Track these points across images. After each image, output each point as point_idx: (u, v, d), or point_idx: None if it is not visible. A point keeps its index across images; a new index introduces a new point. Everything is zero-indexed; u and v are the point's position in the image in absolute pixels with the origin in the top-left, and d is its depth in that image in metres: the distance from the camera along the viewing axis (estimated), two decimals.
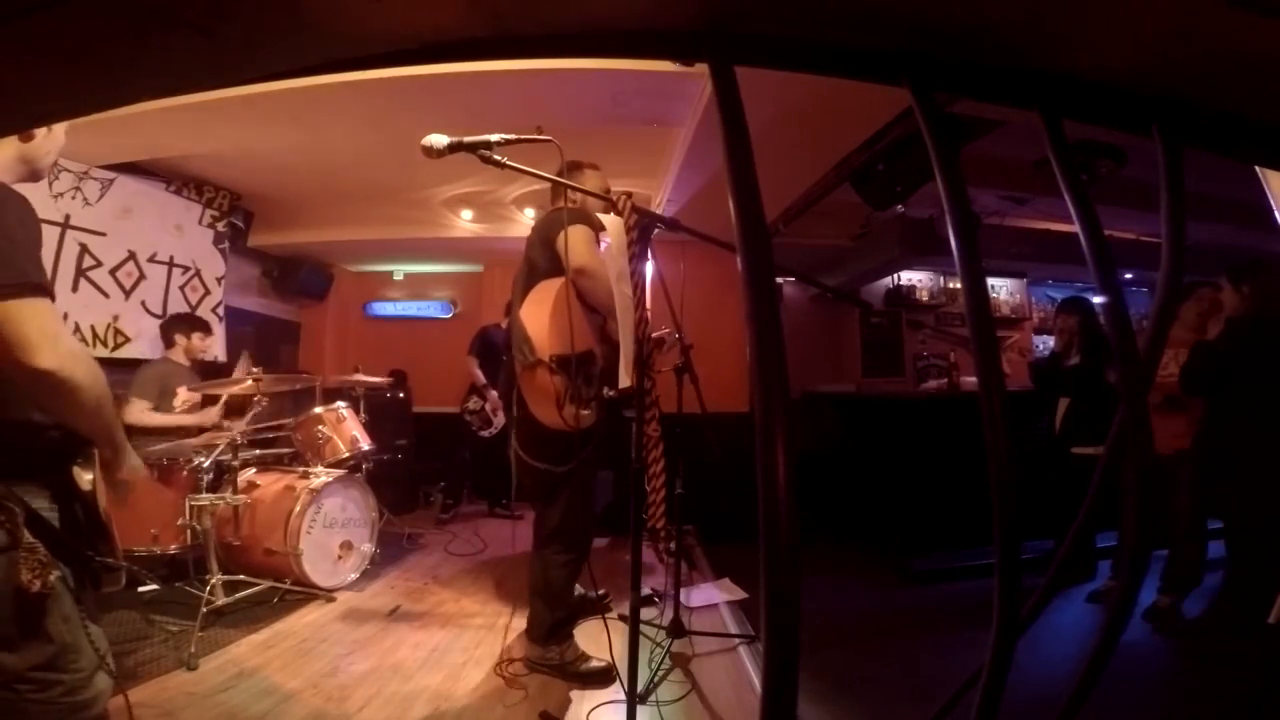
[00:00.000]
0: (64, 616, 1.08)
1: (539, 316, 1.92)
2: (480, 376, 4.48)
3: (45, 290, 1.04)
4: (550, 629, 2.17)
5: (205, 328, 3.55)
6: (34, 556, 1.01)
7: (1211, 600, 2.66)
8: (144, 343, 3.82)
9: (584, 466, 2.05)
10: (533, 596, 2.23)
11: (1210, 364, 2.50)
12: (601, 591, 2.75)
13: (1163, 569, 2.68)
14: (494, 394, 4.42)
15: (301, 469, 3.22)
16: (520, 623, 2.36)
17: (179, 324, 3.49)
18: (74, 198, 3.40)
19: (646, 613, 2.70)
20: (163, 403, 3.20)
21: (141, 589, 2.54)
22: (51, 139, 1.20)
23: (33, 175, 1.18)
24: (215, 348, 4.18)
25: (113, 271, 3.67)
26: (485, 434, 4.48)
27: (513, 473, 2.18)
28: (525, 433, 2.05)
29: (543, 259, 2.09)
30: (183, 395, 3.22)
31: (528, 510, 4.55)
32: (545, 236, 2.11)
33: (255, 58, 0.57)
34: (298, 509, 2.86)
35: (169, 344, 3.43)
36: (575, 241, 1.96)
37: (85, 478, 1.15)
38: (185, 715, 1.90)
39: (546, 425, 1.93)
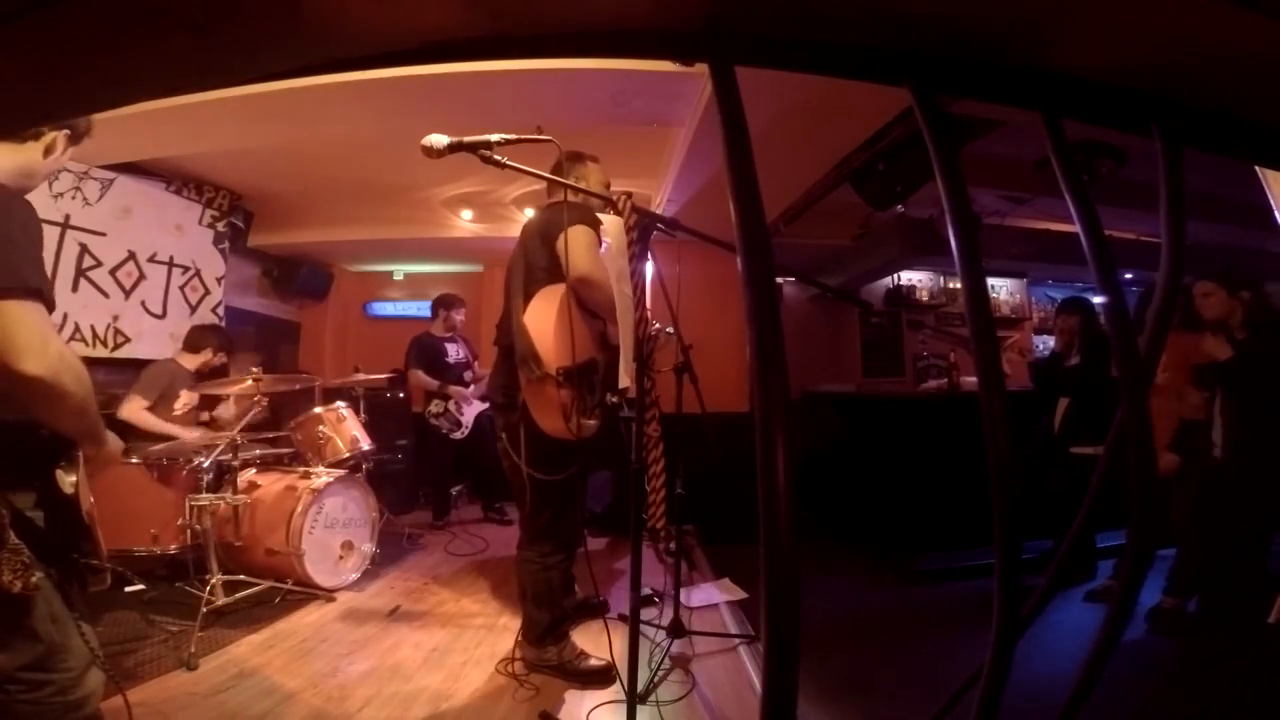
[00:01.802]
0: (52, 617, 1.09)
1: (544, 327, 1.87)
2: (432, 382, 4.38)
3: (41, 295, 1.04)
4: (545, 630, 2.16)
5: (230, 351, 3.57)
6: (17, 558, 1.02)
7: (1211, 601, 2.66)
8: (144, 343, 3.82)
9: (575, 475, 2.04)
10: (524, 600, 2.21)
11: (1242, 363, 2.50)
12: (601, 599, 2.75)
13: (1168, 570, 2.68)
14: (456, 389, 4.38)
15: (302, 469, 3.22)
16: (518, 621, 2.36)
17: (214, 337, 3.50)
18: (74, 198, 3.41)
19: (646, 613, 2.70)
20: (162, 404, 3.20)
21: (129, 589, 2.53)
22: (59, 161, 1.21)
23: (23, 189, 1.18)
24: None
25: (113, 271, 3.67)
26: (457, 435, 4.40)
27: (506, 475, 2.17)
28: (525, 441, 2.01)
29: (543, 258, 2.03)
30: (185, 398, 3.23)
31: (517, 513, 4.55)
32: (546, 235, 2.04)
33: (255, 58, 0.57)
34: (299, 509, 2.86)
35: (194, 349, 3.41)
36: (576, 246, 1.90)
37: (68, 480, 1.15)
38: (185, 715, 1.90)
39: (551, 435, 1.91)
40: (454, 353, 4.53)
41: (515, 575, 2.29)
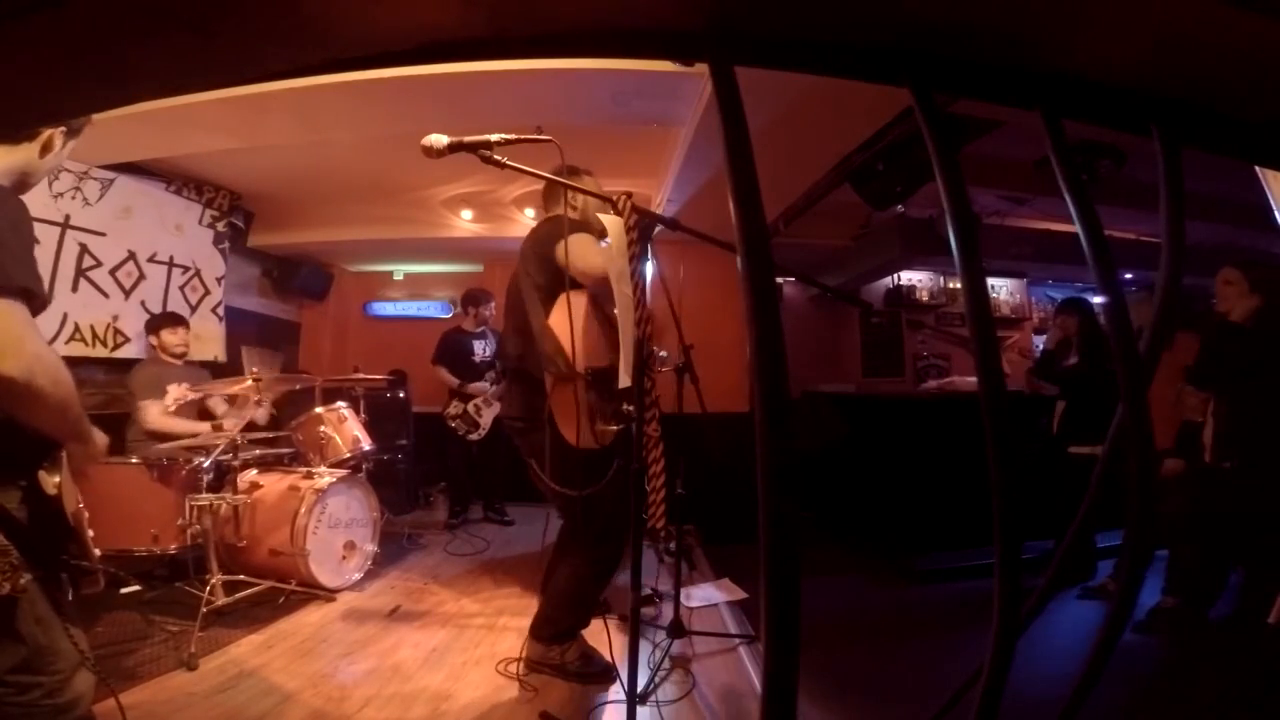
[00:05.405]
0: (37, 619, 1.08)
1: (569, 331, 1.84)
2: (453, 380, 4.41)
3: (28, 293, 1.03)
4: (560, 631, 2.16)
5: (174, 322, 3.43)
6: (5, 559, 1.01)
7: (1193, 600, 2.66)
8: (143, 343, 3.82)
9: (616, 477, 1.97)
10: (548, 595, 2.19)
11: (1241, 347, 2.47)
12: (601, 599, 2.75)
13: (1166, 570, 2.68)
14: (476, 385, 4.38)
15: (304, 469, 3.22)
16: (518, 621, 2.36)
17: (151, 325, 3.46)
18: (74, 198, 3.41)
19: (646, 613, 2.70)
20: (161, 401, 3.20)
21: (125, 590, 2.52)
22: (59, 158, 1.21)
23: (24, 187, 1.17)
24: (215, 346, 4.18)
25: (113, 271, 3.67)
26: (474, 437, 4.38)
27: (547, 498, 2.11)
28: (551, 456, 1.94)
29: (541, 275, 2.00)
30: (174, 393, 3.19)
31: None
32: (541, 251, 2.02)
33: (255, 57, 0.57)
34: (303, 509, 2.87)
35: (150, 347, 3.42)
36: (584, 251, 1.89)
37: (52, 481, 1.14)
38: (185, 715, 1.90)
39: (573, 445, 1.87)
40: (480, 349, 4.51)
41: (545, 568, 2.24)
